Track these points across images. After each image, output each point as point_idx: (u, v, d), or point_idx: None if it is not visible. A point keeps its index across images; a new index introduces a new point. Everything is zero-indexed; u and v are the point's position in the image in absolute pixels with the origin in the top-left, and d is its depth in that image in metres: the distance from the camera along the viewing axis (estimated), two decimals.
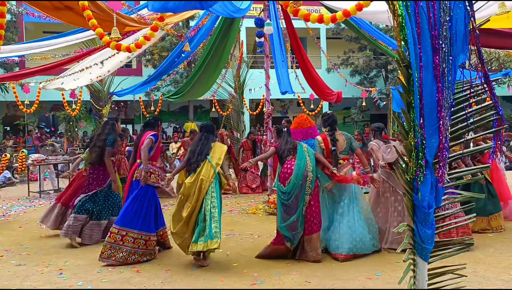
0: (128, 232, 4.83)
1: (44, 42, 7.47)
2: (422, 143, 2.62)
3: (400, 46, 2.74)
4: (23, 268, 4.75)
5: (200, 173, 4.75)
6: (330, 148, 5.21)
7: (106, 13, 4.40)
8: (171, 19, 5.97)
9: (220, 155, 4.93)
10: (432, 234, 2.68)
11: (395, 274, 4.25)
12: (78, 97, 12.16)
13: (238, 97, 13.88)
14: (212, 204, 4.66)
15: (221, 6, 4.67)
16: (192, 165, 4.88)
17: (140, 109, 17.94)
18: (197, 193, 4.68)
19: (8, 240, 6.07)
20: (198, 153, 4.89)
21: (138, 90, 10.86)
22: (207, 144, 4.96)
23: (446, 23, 2.57)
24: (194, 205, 4.67)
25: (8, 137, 20.94)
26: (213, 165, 4.79)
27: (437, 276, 2.76)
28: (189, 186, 4.72)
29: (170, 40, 19.09)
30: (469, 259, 4.37)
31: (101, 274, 4.50)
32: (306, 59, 9.63)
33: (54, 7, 4.27)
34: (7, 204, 9.38)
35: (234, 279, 4.27)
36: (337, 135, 5.28)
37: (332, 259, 4.83)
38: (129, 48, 4.47)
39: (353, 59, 22.43)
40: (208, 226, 4.55)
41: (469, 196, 2.92)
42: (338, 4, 6.56)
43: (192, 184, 4.71)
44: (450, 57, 2.59)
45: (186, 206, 4.70)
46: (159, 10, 3.91)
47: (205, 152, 4.88)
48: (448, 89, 2.60)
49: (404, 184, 2.73)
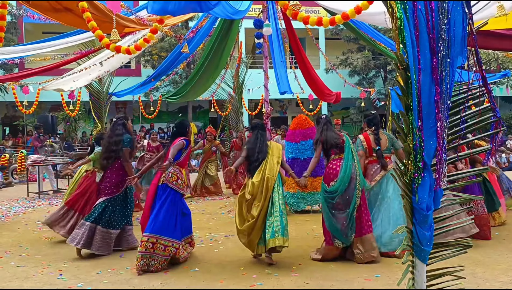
0: (158, 239, 4.62)
1: (44, 43, 7.47)
2: (421, 145, 2.63)
3: (399, 49, 2.75)
4: (22, 269, 4.75)
5: (264, 171, 4.83)
6: (373, 147, 5.32)
7: (105, 15, 4.41)
8: (170, 21, 5.98)
9: (279, 153, 5.01)
10: (431, 236, 2.69)
11: (393, 275, 4.26)
12: (77, 97, 12.18)
13: (237, 98, 13.92)
14: (280, 201, 4.79)
15: (220, 8, 4.68)
16: (253, 164, 4.93)
17: (138, 109, 17.93)
18: (265, 191, 4.76)
19: (7, 241, 6.07)
20: (258, 152, 4.93)
21: (137, 90, 10.87)
22: (264, 142, 5.03)
23: (444, 26, 2.57)
24: (263, 203, 4.75)
25: (7, 137, 20.94)
26: (275, 163, 4.88)
27: (436, 277, 2.77)
28: (257, 185, 4.77)
29: (169, 40, 19.10)
30: (467, 260, 4.38)
31: (101, 275, 4.50)
32: (305, 59, 9.64)
33: (53, 8, 4.26)
34: (6, 204, 9.39)
35: (234, 281, 4.28)
36: (380, 134, 5.40)
37: (331, 261, 4.83)
38: (128, 50, 4.47)
39: (352, 60, 22.46)
40: (280, 223, 4.66)
41: (468, 198, 2.93)
42: (335, 5, 6.56)
43: (259, 183, 4.78)
44: (448, 60, 2.60)
45: (255, 205, 4.77)
46: (159, 13, 3.91)
47: (264, 150, 4.94)
48: (446, 91, 2.61)
49: (402, 186, 2.74)
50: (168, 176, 4.85)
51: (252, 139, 5.10)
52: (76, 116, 15.40)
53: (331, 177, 4.93)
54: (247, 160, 4.99)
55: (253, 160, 4.93)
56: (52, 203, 9.45)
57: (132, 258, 5.00)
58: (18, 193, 11.19)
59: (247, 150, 5.02)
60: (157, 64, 19.09)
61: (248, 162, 4.98)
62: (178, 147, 4.96)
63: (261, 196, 4.76)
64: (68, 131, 16.67)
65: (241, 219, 4.84)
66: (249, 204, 4.83)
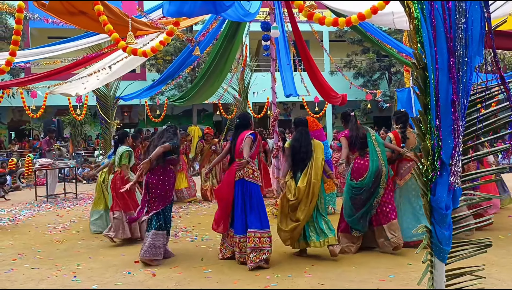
0: (262, 233, 4.75)
1: (52, 47, 7.52)
2: (438, 145, 2.63)
3: (416, 48, 2.76)
4: (37, 271, 4.77)
5: (310, 175, 4.89)
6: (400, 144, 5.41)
7: (119, 18, 4.44)
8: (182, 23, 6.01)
9: (322, 153, 5.05)
10: (450, 235, 2.69)
11: (408, 276, 4.26)
12: (83, 101, 12.25)
13: (243, 101, 13.93)
14: (322, 204, 4.97)
15: (233, 10, 4.71)
16: (298, 163, 4.97)
17: (144, 113, 18.01)
18: (311, 196, 4.85)
19: (19, 244, 6.11)
20: (304, 152, 4.95)
21: (144, 94, 10.91)
22: (308, 140, 5.03)
23: (462, 25, 2.58)
24: (309, 208, 4.84)
25: (14, 142, 21.04)
26: (320, 166, 4.94)
27: (455, 277, 2.77)
28: (303, 190, 4.84)
29: (173, 44, 19.16)
30: (483, 261, 4.33)
31: (115, 277, 4.52)
32: (311, 61, 9.66)
33: (69, 12, 4.31)
34: (16, 208, 9.43)
35: (247, 282, 4.28)
36: (408, 133, 5.45)
37: (343, 262, 4.83)
38: (145, 52, 4.50)
39: (356, 62, 22.46)
40: (326, 223, 4.88)
41: (487, 197, 2.93)
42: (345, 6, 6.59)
43: (305, 188, 4.84)
44: (466, 59, 2.61)
45: (301, 209, 4.84)
46: (174, 15, 3.94)
47: (309, 149, 4.97)
48: (464, 90, 2.61)
49: (421, 185, 2.74)
50: (244, 171, 4.86)
51: (297, 136, 5.09)
52: (82, 120, 15.46)
53: (360, 172, 5.05)
54: (291, 158, 5.01)
55: (297, 159, 4.94)
56: (60, 206, 9.49)
57: None
58: (27, 196, 11.24)
59: (292, 148, 5.03)
60: (162, 68, 19.16)
61: (292, 161, 5.00)
62: (249, 144, 4.93)
63: (307, 200, 4.85)
64: (74, 135, 16.72)
65: (284, 220, 4.94)
66: (292, 205, 4.91)
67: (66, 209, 9.09)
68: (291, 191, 4.93)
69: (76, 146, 17.49)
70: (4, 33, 17.01)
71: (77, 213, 8.60)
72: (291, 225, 4.88)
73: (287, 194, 4.97)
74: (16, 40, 4.60)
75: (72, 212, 8.70)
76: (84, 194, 11.40)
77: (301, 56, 9.58)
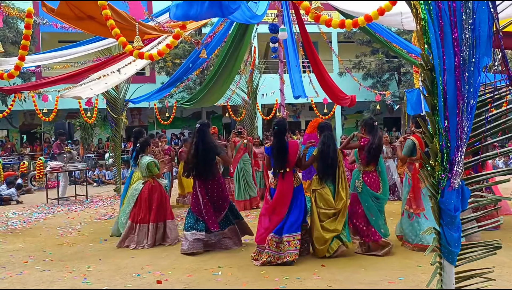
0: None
1: (63, 51, 7.60)
2: (447, 146, 2.62)
3: (424, 50, 2.74)
4: (48, 273, 4.82)
5: (342, 184, 5.05)
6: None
7: (127, 22, 4.48)
8: (189, 26, 6.05)
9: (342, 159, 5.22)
10: (459, 237, 2.67)
11: (417, 278, 4.23)
12: (94, 105, 12.35)
13: (251, 103, 13.95)
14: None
15: (240, 12, 4.73)
16: (329, 171, 5.05)
17: (153, 115, 18.10)
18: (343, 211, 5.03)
19: (30, 246, 6.17)
20: (332, 158, 5.02)
21: (153, 97, 10.97)
22: (335, 145, 5.12)
23: (469, 26, 2.56)
24: (342, 220, 5.03)
25: (25, 145, 21.30)
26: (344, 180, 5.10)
27: (464, 279, 2.75)
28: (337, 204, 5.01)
29: (182, 47, 19.25)
30: (493, 262, 4.28)
31: (125, 279, 4.55)
32: (319, 63, 9.65)
33: (77, 17, 4.36)
34: (27, 211, 9.54)
35: (256, 284, 4.28)
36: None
37: (351, 264, 4.82)
38: (151, 56, 4.54)
39: (365, 63, 22.36)
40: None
41: (496, 198, 2.91)
42: (353, 7, 6.57)
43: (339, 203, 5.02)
44: (473, 60, 2.59)
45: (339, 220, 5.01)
46: (181, 18, 3.97)
47: (336, 155, 5.07)
48: (471, 91, 2.59)
49: (430, 187, 2.73)
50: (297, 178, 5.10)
51: (325, 140, 5.11)
52: (93, 123, 15.59)
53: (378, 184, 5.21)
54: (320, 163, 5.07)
55: (327, 165, 5.01)
56: (71, 209, 9.58)
57: (152, 262, 5.06)
58: (38, 199, 11.36)
59: (321, 153, 5.06)
60: (171, 71, 19.25)
61: (321, 166, 5.06)
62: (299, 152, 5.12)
63: (345, 211, 5.04)
64: (85, 138, 16.87)
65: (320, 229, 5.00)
66: (326, 214, 5.02)
67: (77, 212, 9.17)
68: (326, 199, 5.02)
69: (86, 149, 17.66)
70: (15, 38, 17.22)
71: (88, 215, 8.67)
72: (328, 235, 4.96)
73: (319, 202, 5.05)
74: (25, 44, 4.67)
75: (82, 215, 8.78)
76: (94, 197, 11.49)
77: (309, 58, 9.58)
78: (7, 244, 6.41)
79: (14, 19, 17.13)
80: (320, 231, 4.98)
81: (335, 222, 4.99)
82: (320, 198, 5.06)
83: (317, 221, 5.02)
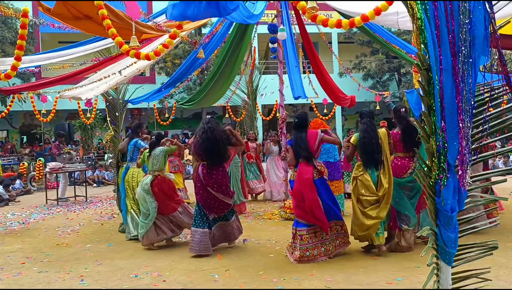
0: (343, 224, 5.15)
1: (62, 52, 7.59)
2: (444, 147, 2.60)
3: (420, 50, 2.73)
4: (45, 275, 4.81)
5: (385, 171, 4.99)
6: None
7: (124, 21, 4.47)
8: (186, 26, 6.04)
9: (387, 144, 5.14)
10: (456, 238, 2.66)
11: (415, 279, 4.21)
12: (93, 105, 12.34)
13: (251, 103, 13.93)
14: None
15: (237, 12, 4.72)
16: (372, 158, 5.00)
17: (153, 116, 18.11)
18: (387, 197, 4.97)
19: (28, 247, 6.16)
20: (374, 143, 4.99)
21: (153, 97, 10.96)
22: (375, 131, 5.08)
23: (466, 26, 2.55)
24: (386, 207, 4.99)
25: (25, 145, 21.29)
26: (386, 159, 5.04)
27: (461, 280, 2.73)
28: (387, 189, 4.95)
29: (182, 47, 19.25)
30: (491, 263, 4.28)
31: (122, 280, 4.53)
32: (319, 63, 9.63)
33: (74, 17, 4.35)
34: (26, 211, 9.53)
35: (254, 285, 4.27)
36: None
37: (350, 265, 4.81)
38: (148, 56, 4.53)
39: (365, 63, 22.36)
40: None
41: (492, 199, 2.89)
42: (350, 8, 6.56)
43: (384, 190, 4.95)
44: (470, 60, 2.58)
45: (383, 207, 4.96)
46: (178, 18, 3.95)
47: (378, 141, 5.02)
48: (469, 91, 2.58)
49: (426, 187, 2.71)
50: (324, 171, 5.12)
51: (365, 127, 5.10)
52: (92, 124, 15.58)
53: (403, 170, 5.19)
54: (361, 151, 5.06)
55: (369, 152, 4.98)
56: (70, 209, 9.57)
57: (150, 263, 5.05)
58: (37, 200, 11.35)
59: (362, 141, 5.05)
60: (171, 71, 19.26)
61: (364, 155, 5.04)
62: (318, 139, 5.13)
63: (388, 199, 4.97)
64: (85, 139, 16.86)
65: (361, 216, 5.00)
66: (368, 201, 5.00)
67: (76, 213, 9.16)
68: (367, 186, 4.98)
69: (86, 150, 17.64)
70: (14, 38, 17.23)
71: (87, 216, 8.67)
72: (370, 221, 4.94)
73: (360, 189, 5.02)
74: (21, 44, 4.65)
75: (81, 215, 8.77)
76: (94, 198, 11.48)
77: (309, 58, 9.57)
78: (5, 245, 6.40)
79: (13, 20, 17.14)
80: (360, 218, 4.98)
81: (377, 209, 4.96)
82: (361, 185, 5.04)
83: (357, 209, 5.02)
